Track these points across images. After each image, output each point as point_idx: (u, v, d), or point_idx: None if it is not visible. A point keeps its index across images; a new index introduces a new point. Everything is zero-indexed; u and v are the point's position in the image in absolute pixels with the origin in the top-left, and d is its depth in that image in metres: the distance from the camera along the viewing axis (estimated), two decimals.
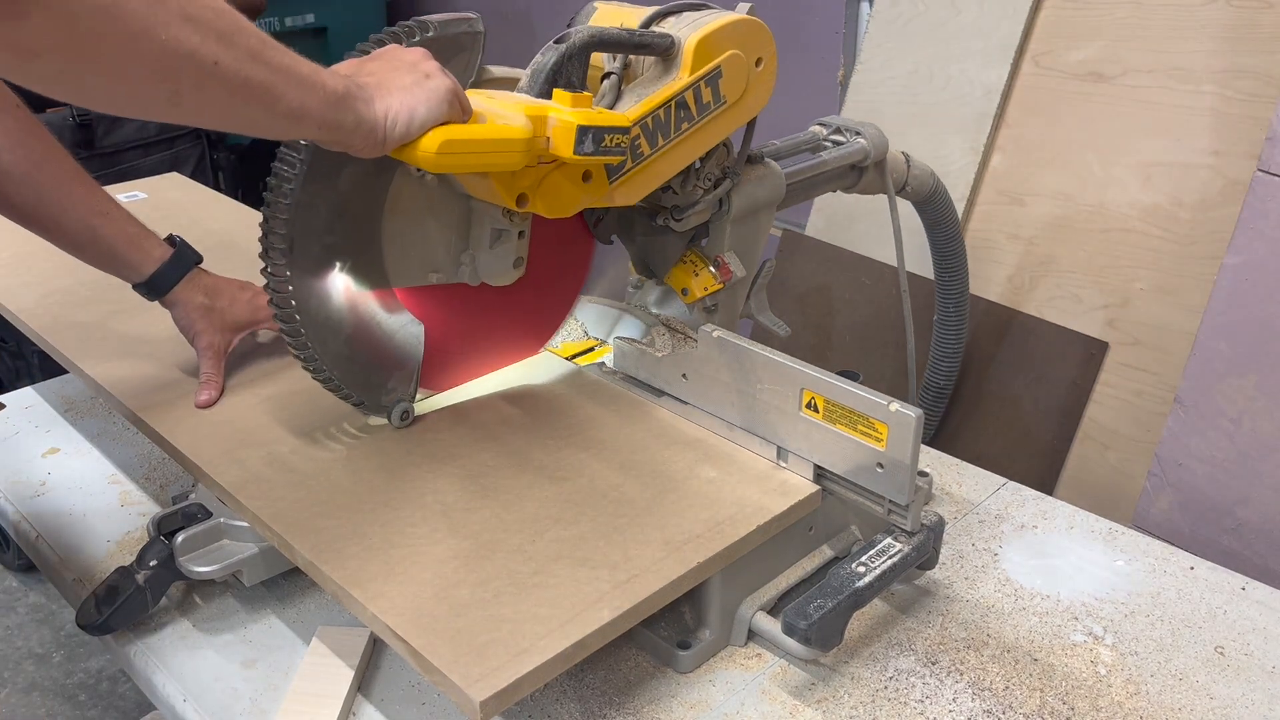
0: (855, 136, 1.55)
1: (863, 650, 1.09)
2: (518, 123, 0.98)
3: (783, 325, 1.48)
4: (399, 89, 0.92)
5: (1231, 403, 1.64)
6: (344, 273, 1.12)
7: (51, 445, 1.47)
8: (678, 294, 1.44)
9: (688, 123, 1.17)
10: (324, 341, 1.11)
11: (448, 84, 0.95)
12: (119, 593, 1.08)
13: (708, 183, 1.28)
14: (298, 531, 1.02)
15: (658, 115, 1.14)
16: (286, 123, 0.86)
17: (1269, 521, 1.63)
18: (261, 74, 0.81)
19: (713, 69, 1.17)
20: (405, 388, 1.20)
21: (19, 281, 1.57)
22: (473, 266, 1.18)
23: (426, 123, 0.93)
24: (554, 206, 1.09)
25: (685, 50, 1.15)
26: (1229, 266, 1.62)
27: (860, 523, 1.19)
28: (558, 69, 1.08)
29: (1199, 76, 1.93)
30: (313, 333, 1.10)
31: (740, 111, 1.22)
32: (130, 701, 2.44)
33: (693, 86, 1.16)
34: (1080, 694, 1.03)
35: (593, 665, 1.06)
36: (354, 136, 0.90)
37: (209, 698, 1.04)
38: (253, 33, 0.81)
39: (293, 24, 3.60)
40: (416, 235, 1.15)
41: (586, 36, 1.10)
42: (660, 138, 1.15)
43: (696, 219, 1.31)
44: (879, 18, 2.40)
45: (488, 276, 1.18)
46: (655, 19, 1.18)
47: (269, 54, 0.82)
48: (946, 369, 2.09)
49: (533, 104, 1.02)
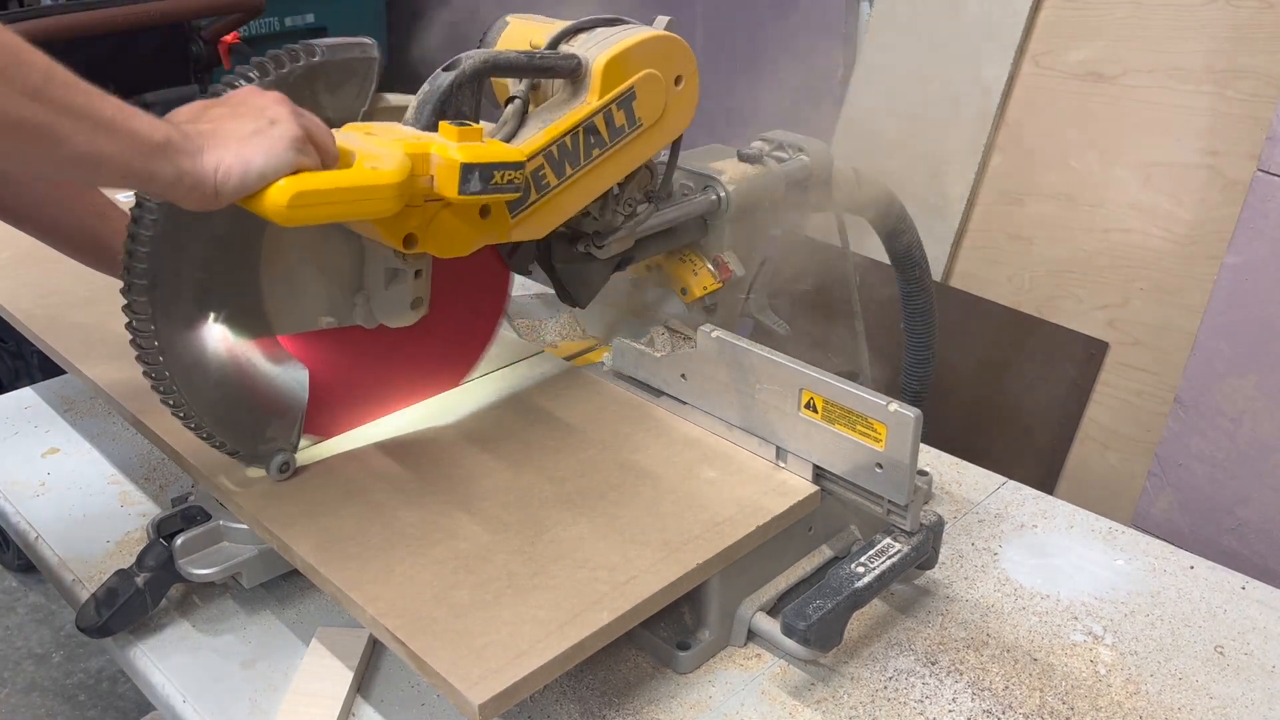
0: (798, 153, 1.47)
1: (862, 650, 1.09)
2: (390, 165, 0.90)
3: (782, 324, 1.48)
4: (236, 139, 0.84)
5: (1231, 403, 1.64)
6: (219, 322, 1.03)
7: (51, 445, 1.47)
8: (677, 294, 1.44)
9: (599, 149, 1.09)
10: (193, 385, 1.02)
11: (294, 131, 0.86)
12: (118, 595, 1.08)
13: (628, 208, 1.20)
14: (297, 534, 1.02)
15: (564, 143, 1.06)
16: (79, 168, 0.79)
17: (1269, 521, 1.63)
18: (39, 114, 0.74)
19: (625, 91, 1.08)
20: (286, 436, 1.10)
21: (18, 282, 1.57)
22: (368, 308, 1.09)
23: (265, 175, 0.84)
24: (447, 247, 1.01)
25: (594, 72, 1.07)
26: (1229, 266, 1.62)
27: (860, 523, 1.19)
28: (446, 99, 1.01)
29: (1199, 76, 1.93)
30: (180, 376, 1.00)
31: (659, 133, 1.14)
32: (130, 702, 2.44)
33: (603, 110, 1.08)
34: (1080, 694, 1.03)
35: (592, 666, 1.06)
36: (175, 190, 0.83)
37: (209, 698, 1.04)
38: (39, 68, 0.74)
39: (293, 24, 3.60)
40: (302, 277, 1.06)
41: (478, 62, 1.02)
42: (568, 166, 1.07)
43: (619, 245, 1.23)
44: (879, 18, 2.40)
45: (385, 318, 1.10)
46: (565, 36, 1.11)
47: (55, 92, 0.75)
48: (920, 374, 2.08)
49: (415, 140, 0.95)
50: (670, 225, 1.32)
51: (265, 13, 3.08)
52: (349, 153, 0.93)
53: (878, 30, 2.40)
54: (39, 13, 2.62)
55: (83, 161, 0.78)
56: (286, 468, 1.10)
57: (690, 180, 1.37)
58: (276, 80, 1.00)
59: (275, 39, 3.55)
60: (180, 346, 1.00)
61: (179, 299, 0.99)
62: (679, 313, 1.43)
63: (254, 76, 0.98)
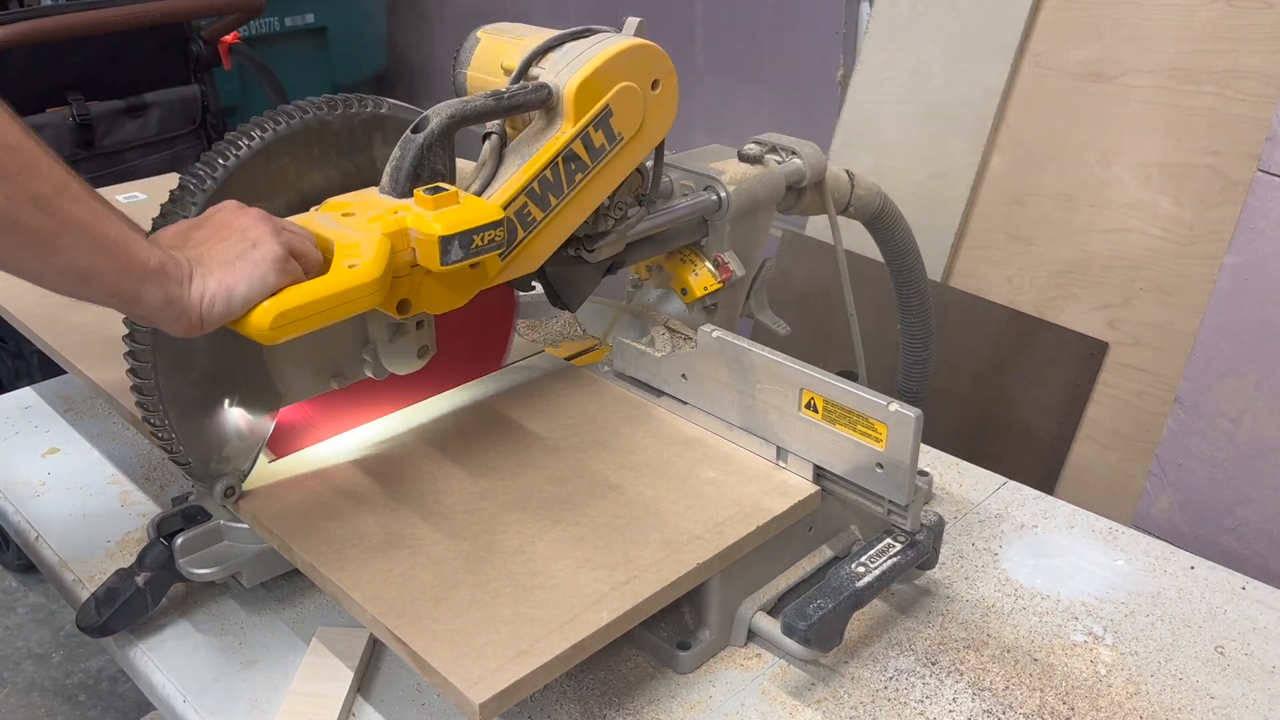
0: (791, 156, 1.46)
1: (862, 650, 1.09)
2: (368, 255, 0.90)
3: (783, 324, 1.48)
4: (220, 264, 0.86)
5: (1231, 403, 1.64)
6: (233, 406, 1.04)
7: (51, 445, 1.47)
8: (677, 294, 1.44)
9: (582, 173, 1.07)
10: (172, 380, 1.00)
11: (276, 251, 0.87)
12: (119, 595, 1.08)
13: (619, 211, 1.19)
14: (297, 533, 1.02)
15: (545, 177, 1.05)
16: (66, 280, 0.80)
17: (1269, 521, 1.63)
18: (40, 221, 0.76)
19: (601, 110, 1.06)
20: (242, 461, 1.07)
21: (19, 282, 1.56)
22: (376, 362, 1.09)
23: (249, 300, 0.86)
24: (441, 304, 1.02)
25: (566, 99, 1.05)
26: (1229, 266, 1.62)
27: (860, 523, 1.19)
28: (419, 162, 0.99)
29: (1199, 76, 1.93)
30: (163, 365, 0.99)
31: (642, 142, 1.13)
32: (130, 701, 2.44)
33: (580, 135, 1.06)
34: (1080, 694, 1.03)
35: (592, 666, 1.06)
36: (161, 315, 0.85)
37: (209, 698, 1.04)
38: (51, 179, 0.76)
39: (293, 24, 3.59)
40: (308, 350, 1.06)
41: (446, 119, 1.00)
42: (552, 198, 1.06)
43: (610, 249, 1.22)
44: (879, 18, 2.40)
45: (393, 368, 1.09)
46: (535, 58, 1.09)
47: (61, 204, 0.77)
48: (918, 375, 2.08)
49: (392, 216, 0.95)
50: (665, 228, 1.31)
51: (265, 13, 3.08)
52: (328, 244, 0.93)
53: (878, 30, 2.40)
54: (39, 13, 2.62)
55: (73, 274, 0.79)
56: (231, 492, 1.07)
57: (690, 180, 1.37)
58: (344, 116, 1.04)
59: (275, 39, 3.55)
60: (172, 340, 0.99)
61: (187, 388, 1.01)
62: (679, 313, 1.43)
63: (324, 108, 1.02)
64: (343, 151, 1.06)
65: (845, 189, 1.60)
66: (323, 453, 1.15)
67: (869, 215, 1.68)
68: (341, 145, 1.05)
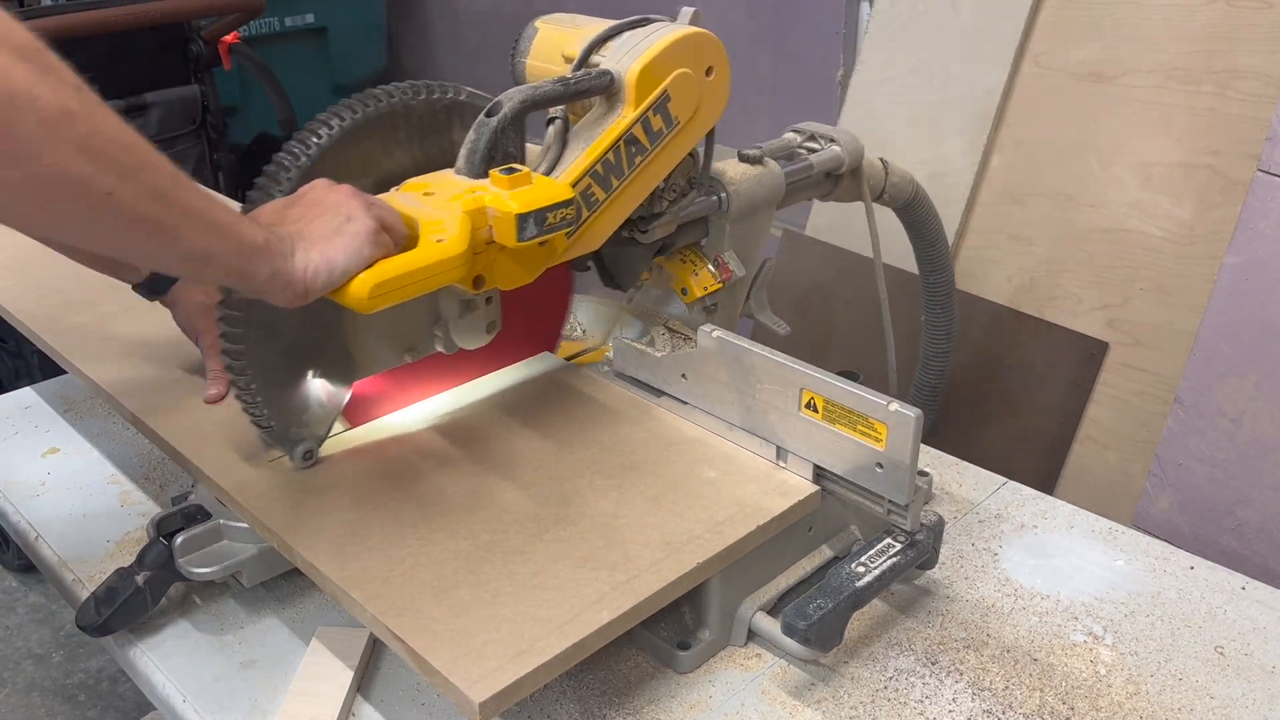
0: (830, 144, 1.50)
1: (862, 650, 1.09)
2: (453, 231, 0.96)
3: (782, 324, 1.48)
4: (319, 238, 0.91)
5: (1231, 403, 1.64)
6: (315, 377, 1.10)
7: (51, 445, 1.47)
8: (677, 294, 1.44)
9: (641, 156, 1.12)
10: (263, 346, 1.06)
11: (369, 225, 0.93)
12: (118, 594, 1.08)
13: (673, 194, 1.23)
14: (297, 533, 1.02)
15: (608, 159, 1.10)
16: (188, 263, 0.86)
17: (1269, 521, 1.63)
18: (164, 214, 0.80)
19: (659, 96, 1.11)
20: (320, 426, 1.14)
21: (19, 283, 1.57)
22: (446, 337, 1.14)
23: (349, 270, 0.91)
24: (513, 279, 1.07)
25: (627, 85, 1.10)
26: (1229, 266, 1.62)
27: (860, 523, 1.19)
28: (493, 144, 1.05)
29: (1199, 76, 1.93)
30: (254, 332, 1.05)
31: (696, 126, 1.17)
32: (130, 701, 2.44)
33: (640, 120, 1.11)
34: (1080, 694, 1.03)
35: (592, 665, 1.06)
36: (268, 287, 0.89)
37: (209, 698, 1.04)
38: (164, 172, 0.80)
39: (293, 24, 3.59)
40: (386, 319, 1.11)
41: (518, 104, 1.05)
42: (614, 179, 1.11)
43: (663, 230, 1.26)
44: (879, 18, 2.40)
45: (462, 343, 1.15)
46: (595, 46, 1.13)
47: (178, 194, 0.81)
48: (937, 368, 2.09)
49: (471, 195, 1.00)
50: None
51: (265, 13, 3.08)
52: (413, 221, 0.98)
53: (878, 30, 2.40)
54: (39, 13, 2.62)
55: (194, 257, 0.84)
56: (309, 456, 1.12)
57: None
58: (427, 101, 1.10)
59: (275, 39, 3.55)
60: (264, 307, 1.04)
61: (273, 364, 1.07)
62: (679, 313, 1.43)
63: (410, 93, 1.08)
64: (424, 135, 1.12)
65: (880, 176, 1.63)
66: (321, 454, 1.15)
67: (902, 202, 1.71)
68: (424, 129, 1.11)
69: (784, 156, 1.55)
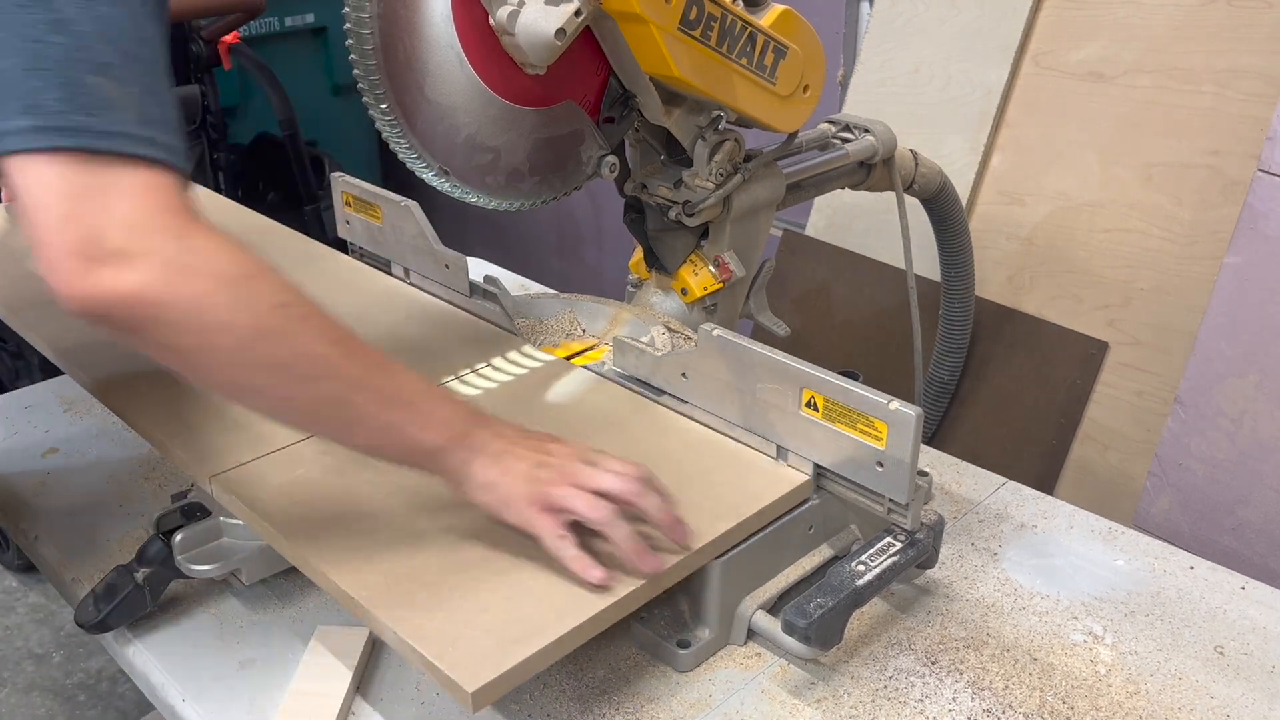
0: (864, 134, 1.55)
1: (862, 649, 1.08)
2: None
3: (782, 325, 1.49)
4: (511, 476, 0.96)
5: (1231, 403, 1.64)
6: None
7: (51, 445, 1.47)
8: (678, 293, 1.44)
9: (745, 59, 1.25)
10: None
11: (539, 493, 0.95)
12: (117, 591, 1.08)
13: (720, 177, 1.31)
14: (288, 525, 1.02)
15: (733, 22, 1.22)
16: (359, 451, 0.97)
17: (1269, 521, 1.63)
18: (335, 415, 0.91)
19: (781, 42, 1.27)
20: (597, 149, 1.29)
21: (17, 282, 1.56)
22: None
23: None
24: None
25: (772, 8, 1.29)
26: (1229, 266, 1.62)
27: (860, 522, 1.19)
28: None
29: (1199, 76, 1.93)
30: None
31: (774, 105, 1.31)
32: (130, 701, 2.43)
33: (763, 34, 1.25)
34: (1080, 693, 1.03)
35: (592, 664, 1.06)
36: (435, 470, 0.97)
37: (208, 697, 1.04)
38: (348, 379, 0.89)
39: (293, 24, 3.59)
40: None
41: None
42: (726, 44, 1.23)
43: (707, 214, 1.36)
44: (879, 18, 2.40)
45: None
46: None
47: (353, 397, 0.90)
48: (951, 364, 2.09)
49: None
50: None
51: (265, 13, 3.08)
52: None
53: (878, 30, 2.40)
54: None
55: (362, 450, 0.97)
56: (615, 168, 1.31)
57: None
58: None
59: (275, 39, 3.54)
60: None
61: None
62: (679, 313, 1.43)
63: None
64: None
65: (910, 167, 1.65)
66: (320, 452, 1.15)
67: (930, 193, 1.73)
68: None
69: (819, 146, 1.57)
